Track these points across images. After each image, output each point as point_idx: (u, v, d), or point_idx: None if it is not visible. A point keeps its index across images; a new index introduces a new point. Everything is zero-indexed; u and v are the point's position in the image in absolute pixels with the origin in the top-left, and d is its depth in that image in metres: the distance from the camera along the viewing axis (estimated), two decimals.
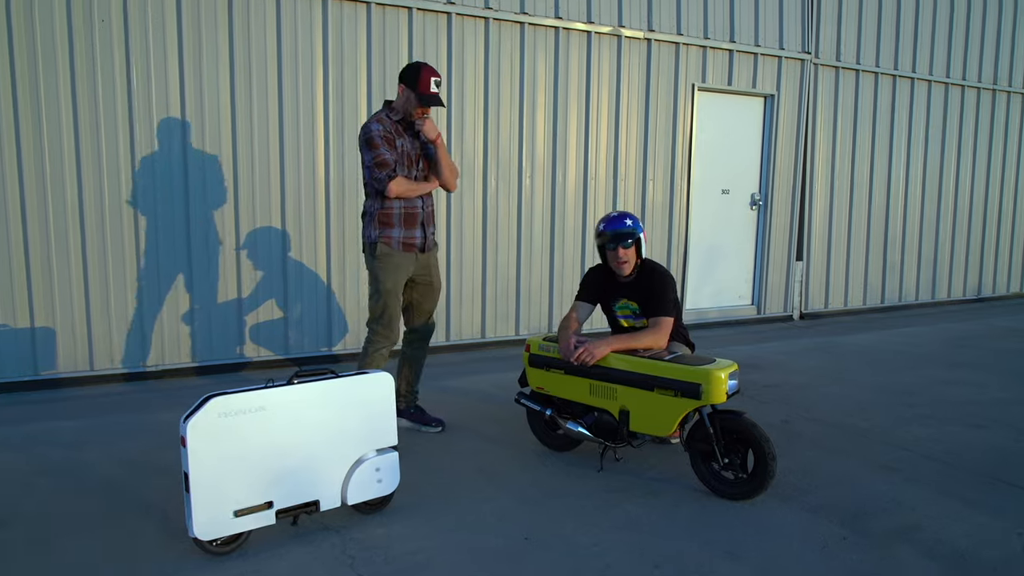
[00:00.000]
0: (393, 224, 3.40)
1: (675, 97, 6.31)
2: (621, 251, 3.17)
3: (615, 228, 3.17)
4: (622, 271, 3.23)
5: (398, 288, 3.43)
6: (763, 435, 2.73)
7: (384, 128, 3.32)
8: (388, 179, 3.29)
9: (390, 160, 3.29)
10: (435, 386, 4.50)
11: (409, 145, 3.41)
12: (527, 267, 5.78)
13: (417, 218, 3.45)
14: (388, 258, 3.40)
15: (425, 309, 3.62)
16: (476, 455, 3.33)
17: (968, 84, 8.23)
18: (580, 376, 3.09)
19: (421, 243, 3.48)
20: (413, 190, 3.38)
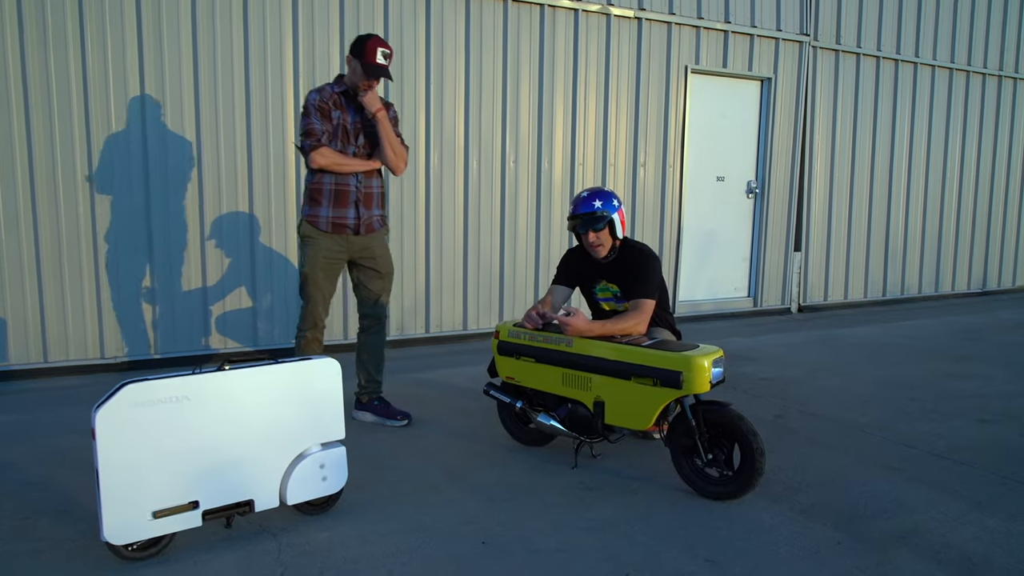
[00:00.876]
0: (321, 201, 3.17)
1: (667, 79, 6.05)
2: (592, 235, 2.93)
3: (584, 210, 2.93)
4: (596, 255, 2.99)
5: (318, 273, 3.20)
6: (750, 428, 2.47)
7: (321, 98, 3.12)
8: (310, 149, 3.06)
9: (318, 130, 3.08)
10: (409, 379, 4.25)
11: (350, 119, 3.17)
12: (511, 256, 5.52)
13: (349, 196, 3.19)
14: (310, 240, 3.18)
15: (372, 291, 3.36)
16: (442, 451, 3.07)
17: (973, 70, 7.95)
18: (552, 364, 2.83)
19: (354, 224, 3.22)
20: (342, 165, 3.13)
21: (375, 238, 3.32)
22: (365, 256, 3.29)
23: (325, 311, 3.29)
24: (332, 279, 3.28)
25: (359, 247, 3.27)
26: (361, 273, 3.34)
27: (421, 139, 5.08)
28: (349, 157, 3.17)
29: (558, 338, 2.81)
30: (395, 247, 5.07)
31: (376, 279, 3.35)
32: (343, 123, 3.15)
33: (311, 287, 3.21)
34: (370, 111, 3.13)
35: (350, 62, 3.14)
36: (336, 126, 3.13)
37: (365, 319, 3.41)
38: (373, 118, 3.15)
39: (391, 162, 3.23)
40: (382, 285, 3.37)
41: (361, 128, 3.20)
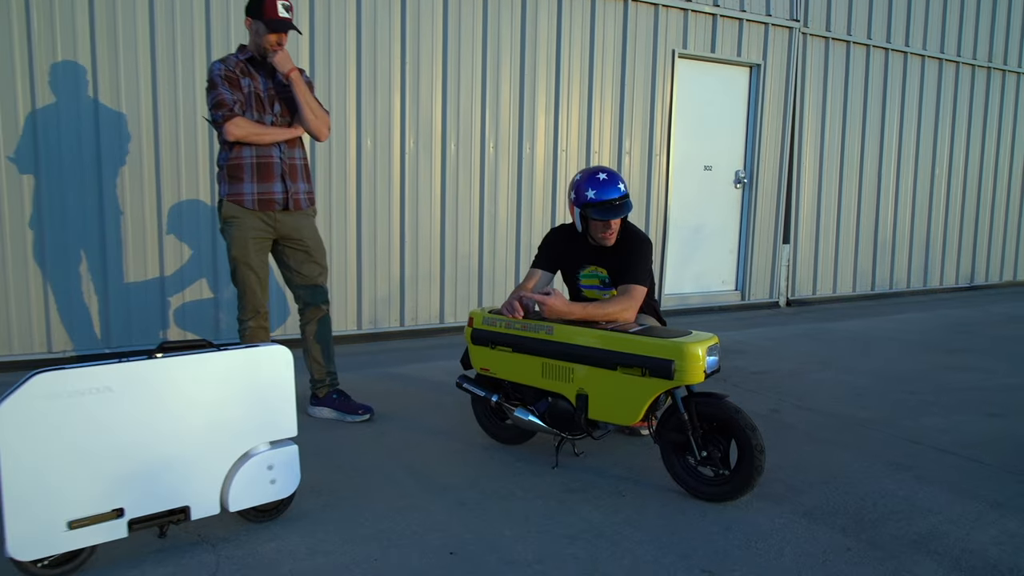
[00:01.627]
0: (243, 177, 2.89)
1: (654, 64, 5.82)
2: (614, 223, 2.68)
3: (608, 196, 2.63)
4: (607, 243, 2.73)
5: (248, 255, 2.93)
6: (748, 422, 2.23)
7: (226, 67, 2.85)
8: (223, 120, 2.79)
9: (228, 100, 2.80)
10: (379, 373, 3.98)
11: (262, 86, 2.91)
12: (491, 245, 5.27)
13: (274, 169, 2.92)
14: (235, 220, 2.91)
15: (307, 276, 3.08)
16: (409, 450, 2.81)
17: (963, 61, 7.81)
18: (531, 354, 2.58)
19: (282, 198, 2.95)
20: (260, 134, 2.86)
21: (304, 217, 3.05)
22: (294, 237, 3.02)
23: (265, 295, 3.02)
24: (265, 260, 3.01)
25: (288, 226, 2.99)
26: (291, 257, 3.05)
27: (396, 121, 4.81)
28: (267, 126, 2.90)
29: (537, 325, 2.56)
30: (367, 235, 4.80)
31: (309, 262, 3.07)
32: (255, 91, 2.88)
33: (244, 271, 2.94)
34: (282, 72, 2.87)
35: (250, 25, 2.88)
36: (248, 95, 2.87)
37: (306, 308, 3.14)
38: (287, 80, 2.88)
39: (312, 126, 2.95)
40: (317, 268, 3.10)
41: (276, 95, 2.94)
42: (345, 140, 4.67)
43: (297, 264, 3.05)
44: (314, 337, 3.13)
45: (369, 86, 4.69)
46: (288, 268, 3.07)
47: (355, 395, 3.34)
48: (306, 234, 3.03)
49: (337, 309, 4.76)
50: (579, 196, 2.65)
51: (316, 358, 3.15)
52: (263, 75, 2.92)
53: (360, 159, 4.72)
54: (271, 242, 3.01)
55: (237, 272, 2.95)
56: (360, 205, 4.76)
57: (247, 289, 2.97)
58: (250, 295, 2.97)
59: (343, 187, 4.70)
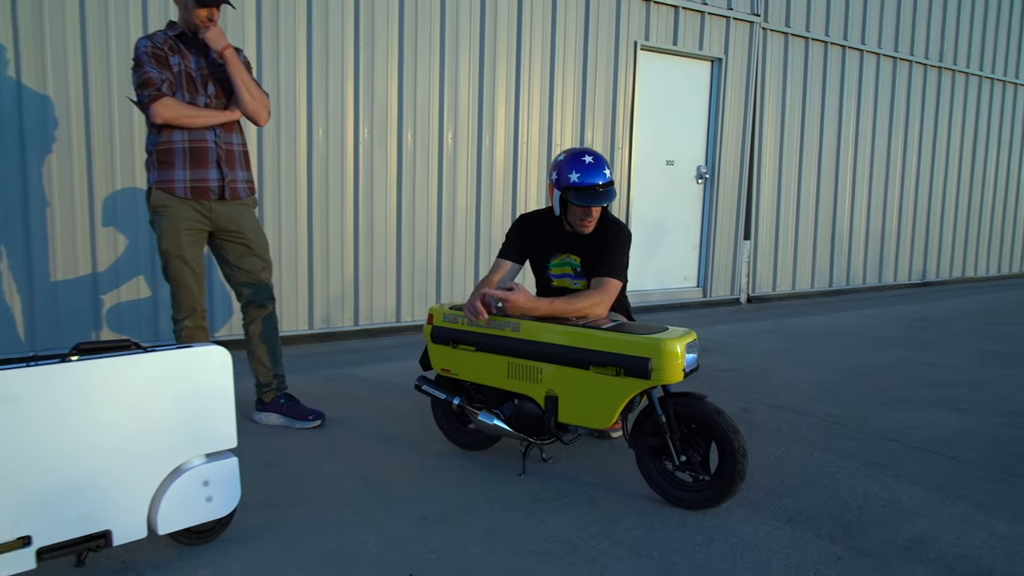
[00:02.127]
0: (174, 163, 2.63)
1: (616, 56, 5.69)
2: (596, 209, 2.50)
3: (592, 181, 2.44)
4: (587, 230, 2.55)
5: (182, 247, 2.68)
6: (730, 424, 2.09)
7: (153, 43, 2.60)
8: (151, 100, 2.54)
9: (155, 79, 2.55)
10: (331, 375, 3.75)
11: (193, 65, 2.66)
12: (449, 240, 5.06)
13: (208, 155, 2.67)
14: (165, 210, 2.65)
15: (248, 272, 2.83)
16: (364, 458, 2.60)
17: (915, 60, 7.90)
18: (496, 353, 2.39)
19: (217, 187, 2.70)
20: (192, 117, 2.61)
21: (243, 207, 2.79)
22: (232, 229, 2.76)
23: (201, 292, 2.77)
24: (200, 253, 2.76)
25: (225, 217, 2.74)
26: (230, 251, 2.80)
27: (349, 109, 4.57)
28: (200, 108, 2.65)
29: (502, 322, 2.38)
30: (319, 229, 4.55)
31: (250, 256, 2.82)
32: (185, 70, 2.63)
33: (177, 265, 2.69)
34: (215, 50, 2.62)
35: (179, 1, 2.64)
36: (178, 74, 2.62)
37: (249, 306, 2.88)
38: (221, 58, 2.64)
39: (251, 109, 2.71)
40: (260, 263, 2.85)
41: (209, 75, 2.69)
42: (295, 128, 4.41)
43: (237, 259, 2.80)
44: (259, 337, 2.89)
45: (320, 72, 4.45)
46: (227, 263, 2.82)
47: (305, 399, 3.11)
48: (246, 226, 2.78)
49: (287, 307, 4.50)
50: (561, 178, 2.48)
51: (262, 360, 2.91)
52: (195, 53, 2.67)
53: (311, 148, 4.47)
54: (207, 234, 2.76)
55: (169, 267, 2.70)
56: (311, 197, 4.51)
57: (181, 285, 2.71)
58: (185, 292, 2.72)
59: (293, 178, 4.44)
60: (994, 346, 4.79)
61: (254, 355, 2.91)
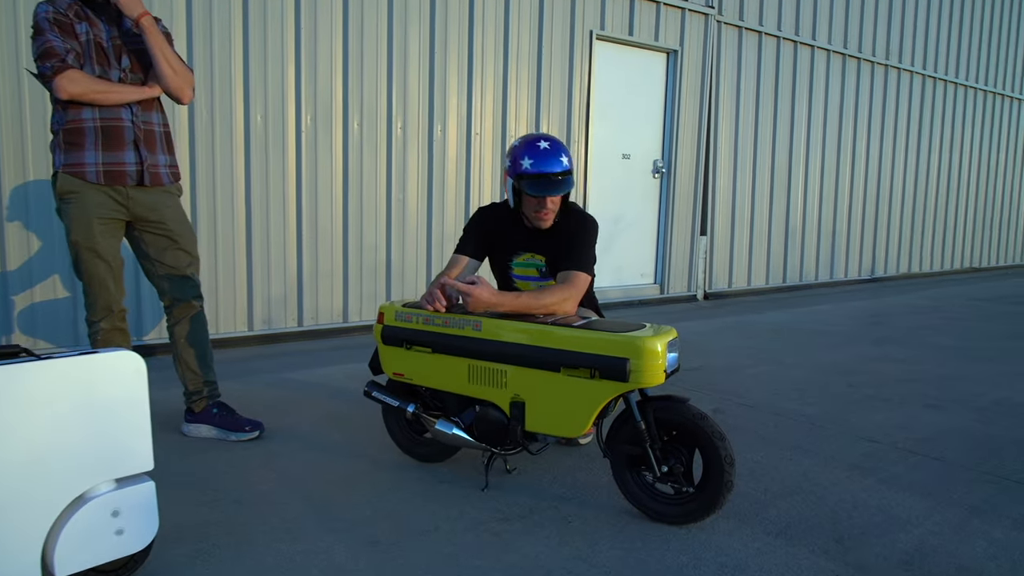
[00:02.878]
0: (84, 144, 2.31)
1: (571, 45, 5.50)
2: (551, 200, 2.26)
3: (548, 168, 2.21)
4: (544, 223, 2.32)
5: (93, 239, 2.36)
6: (716, 430, 1.90)
7: (55, 8, 2.26)
8: (54, 73, 2.21)
9: (59, 48, 2.23)
10: (272, 380, 3.44)
11: (104, 34, 2.33)
12: (399, 236, 4.79)
13: (124, 135, 2.35)
14: (74, 197, 2.33)
15: (172, 267, 2.52)
16: (308, 475, 2.32)
17: (863, 57, 7.96)
18: (455, 355, 2.15)
19: (135, 172, 2.38)
20: (104, 92, 2.28)
21: (165, 195, 2.48)
22: (152, 219, 2.45)
23: (119, 289, 2.46)
24: (116, 246, 2.43)
25: (144, 206, 2.42)
26: (151, 243, 2.48)
27: (290, 94, 4.26)
28: (113, 83, 2.33)
29: (462, 320, 2.14)
30: (258, 223, 4.22)
31: (173, 249, 2.51)
32: (95, 39, 2.31)
33: (89, 259, 2.37)
34: (130, 17, 2.31)
35: None
36: (86, 44, 2.29)
37: (173, 304, 2.56)
38: (137, 27, 2.33)
39: (172, 84, 2.39)
40: (185, 258, 2.54)
41: (123, 45, 2.36)
42: (230, 113, 4.07)
43: (158, 252, 2.49)
44: (186, 340, 2.57)
45: (258, 53, 4.12)
46: (147, 257, 2.50)
47: (241, 408, 2.81)
48: (168, 215, 2.47)
49: (224, 308, 4.16)
50: (514, 165, 2.25)
51: (190, 365, 2.60)
52: (105, 21, 2.34)
53: (248, 136, 4.14)
54: (123, 224, 2.44)
55: (81, 261, 2.37)
56: (249, 188, 4.18)
57: (95, 282, 2.39)
58: (100, 289, 2.40)
59: (229, 168, 4.11)
60: (949, 341, 4.77)
61: (181, 360, 2.60)
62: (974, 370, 3.91)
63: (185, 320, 2.56)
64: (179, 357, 2.60)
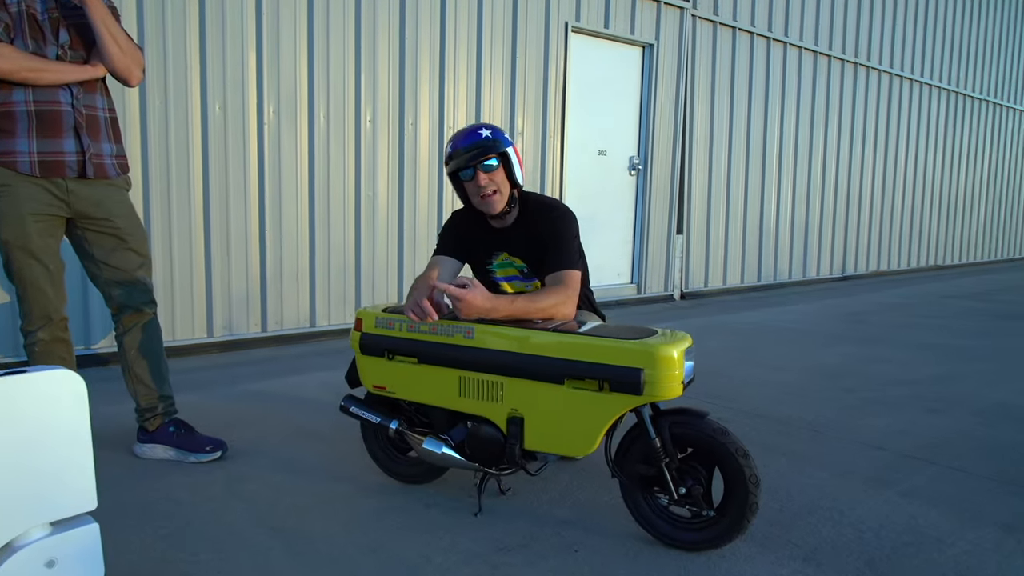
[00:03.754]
0: (15, 132, 2.04)
1: (547, 36, 5.30)
2: (482, 176, 2.05)
3: (468, 142, 2.04)
4: (490, 207, 2.10)
5: (28, 238, 2.09)
6: (739, 447, 1.71)
7: None
8: None
9: None
10: (235, 392, 3.17)
11: (39, 6, 2.06)
12: (369, 235, 4.53)
13: (62, 121, 2.08)
14: (5, 190, 2.06)
15: (115, 267, 2.23)
16: (278, 501, 2.08)
17: (833, 55, 7.94)
18: (444, 366, 1.93)
19: (76, 163, 2.12)
20: (39, 71, 2.01)
21: (111, 189, 2.20)
22: (97, 216, 2.17)
23: (59, 295, 2.19)
24: (55, 246, 2.16)
25: (87, 201, 2.15)
26: (95, 244, 2.21)
27: (251, 83, 3.97)
28: (49, 60, 2.05)
29: (452, 327, 1.92)
30: (218, 221, 3.93)
31: (121, 249, 2.23)
32: (28, 11, 2.03)
33: (22, 261, 2.10)
34: None
35: None
36: (17, 16, 2.02)
37: (122, 312, 2.28)
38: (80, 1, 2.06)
39: (119, 64, 2.11)
40: (135, 259, 2.26)
41: (61, 19, 2.08)
42: (186, 100, 3.78)
43: (104, 253, 2.21)
44: (137, 351, 2.30)
45: (215, 38, 3.83)
46: (91, 259, 2.22)
47: (201, 425, 2.54)
48: (116, 212, 2.20)
49: (181, 312, 3.86)
50: (446, 157, 2.12)
51: (142, 379, 2.32)
52: None
53: (206, 127, 3.85)
54: (63, 221, 2.17)
55: (13, 263, 2.09)
56: (207, 183, 3.89)
57: (31, 287, 2.11)
58: (36, 295, 2.12)
59: (185, 160, 3.81)
60: (932, 339, 4.71)
61: (132, 373, 2.32)
62: (963, 370, 3.83)
63: (136, 328, 2.28)
64: (130, 370, 2.32)
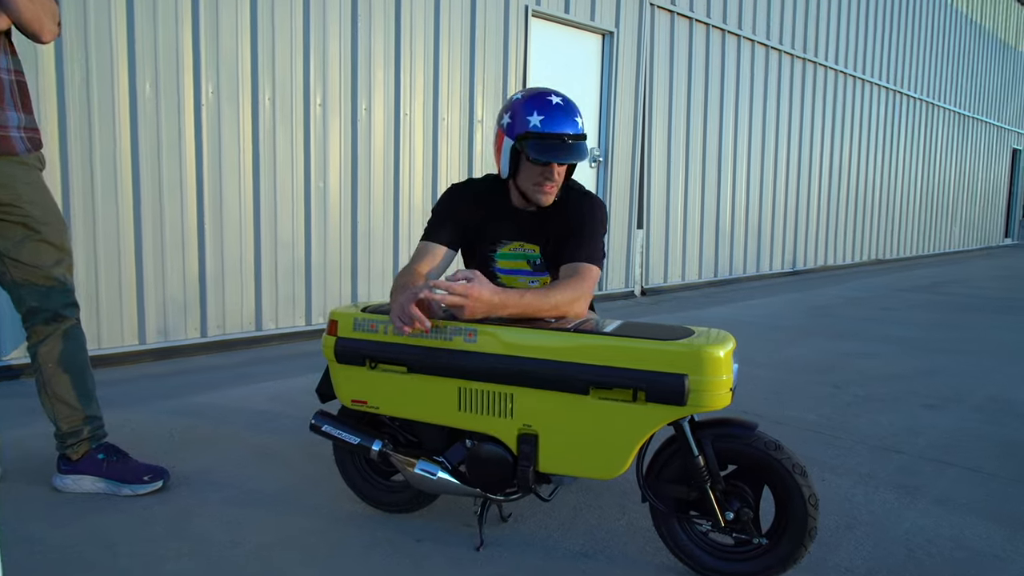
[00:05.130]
0: None
1: (506, 21, 5.02)
2: (558, 169, 1.76)
3: (561, 128, 1.72)
4: (546, 199, 1.81)
5: None
6: (796, 464, 1.48)
7: None
8: None
9: None
10: (173, 407, 2.77)
11: None
12: (320, 229, 4.16)
13: None
14: None
15: (25, 264, 1.84)
16: (235, 540, 1.73)
17: (784, 50, 7.93)
18: (439, 375, 1.63)
19: None
20: None
21: (18, 168, 1.81)
22: (2, 201, 1.78)
23: None
24: None
25: None
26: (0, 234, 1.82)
27: (186, 61, 3.55)
28: None
29: (450, 329, 1.62)
30: (149, 212, 3.50)
31: (34, 242, 1.83)
32: None
33: None
34: None
35: None
36: None
37: (34, 318, 1.89)
38: None
39: (24, 12, 1.70)
40: (51, 253, 1.87)
41: None
42: (111, 75, 3.34)
43: (11, 246, 1.81)
44: (56, 363, 1.90)
45: (145, 9, 3.40)
46: None
47: (136, 450, 2.16)
48: (24, 195, 1.80)
49: (107, 316, 3.42)
50: (516, 122, 1.75)
51: (63, 397, 1.93)
52: None
53: (135, 105, 3.42)
54: None
55: None
56: (137, 169, 3.45)
57: None
58: None
59: (111, 142, 3.37)
60: (900, 332, 4.65)
61: (50, 392, 1.93)
62: (944, 363, 3.74)
63: (54, 337, 1.89)
64: (47, 388, 1.92)
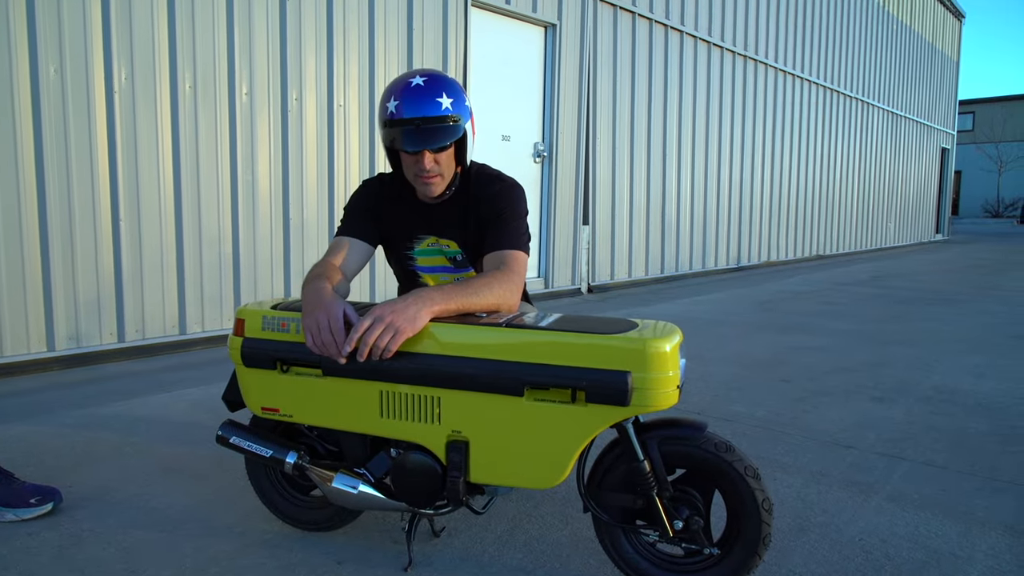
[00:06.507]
0: None
1: (445, 9, 4.86)
2: (429, 158, 1.60)
3: (421, 112, 1.56)
4: (427, 190, 1.65)
5: None
6: (747, 466, 1.36)
7: None
8: None
9: None
10: (80, 419, 2.53)
11: None
12: (249, 224, 3.92)
13: None
14: None
15: None
16: (129, 568, 1.53)
17: (725, 47, 7.97)
18: (358, 378, 1.46)
19: None
20: None
21: None
22: None
23: None
24: None
25: None
26: None
27: (96, 42, 3.28)
28: None
29: None
30: (56, 207, 3.22)
31: None
32: None
33: None
34: None
35: None
36: None
37: None
38: None
39: None
40: None
41: None
42: (9, 57, 3.05)
43: None
44: None
45: None
46: None
47: (28, 469, 1.93)
48: None
49: (10, 321, 3.13)
50: (385, 117, 1.59)
51: None
52: None
53: (38, 94, 3.13)
54: None
55: None
56: (42, 159, 3.17)
57: None
58: None
59: (9, 128, 3.08)
60: (846, 325, 4.67)
61: None
62: (890, 355, 3.74)
63: None
64: None
